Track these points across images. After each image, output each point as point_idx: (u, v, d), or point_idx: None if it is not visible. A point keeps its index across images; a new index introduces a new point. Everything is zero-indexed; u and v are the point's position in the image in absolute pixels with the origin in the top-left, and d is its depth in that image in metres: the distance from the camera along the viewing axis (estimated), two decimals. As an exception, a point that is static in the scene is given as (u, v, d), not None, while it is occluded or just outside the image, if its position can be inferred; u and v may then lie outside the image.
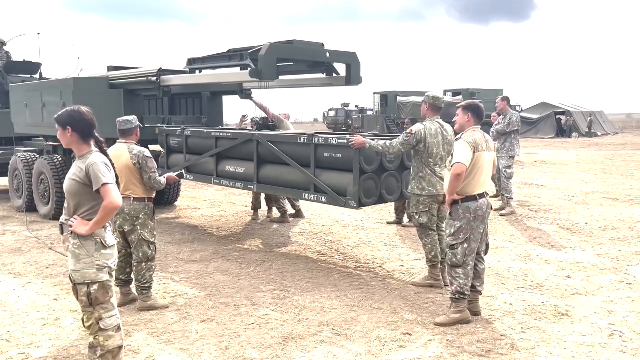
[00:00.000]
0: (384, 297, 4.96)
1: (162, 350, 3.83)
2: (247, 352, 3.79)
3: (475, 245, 4.29)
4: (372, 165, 5.37)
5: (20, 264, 6.13)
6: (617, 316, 4.40)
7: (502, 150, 8.61)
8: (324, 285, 5.33)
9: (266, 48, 5.68)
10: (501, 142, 8.63)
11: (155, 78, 7.18)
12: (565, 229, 7.60)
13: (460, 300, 4.29)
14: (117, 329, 3.12)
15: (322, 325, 4.29)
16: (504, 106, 8.67)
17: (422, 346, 3.90)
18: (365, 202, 5.38)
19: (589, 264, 5.96)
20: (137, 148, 4.58)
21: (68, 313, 4.58)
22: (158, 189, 4.67)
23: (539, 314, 4.48)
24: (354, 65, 6.53)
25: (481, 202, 4.24)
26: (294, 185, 5.98)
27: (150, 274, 4.67)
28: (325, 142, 5.55)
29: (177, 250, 6.78)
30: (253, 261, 6.21)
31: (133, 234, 4.59)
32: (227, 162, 6.89)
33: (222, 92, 8.78)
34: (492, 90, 39.46)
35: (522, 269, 5.76)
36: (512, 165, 8.63)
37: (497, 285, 5.23)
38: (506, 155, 8.56)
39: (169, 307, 4.70)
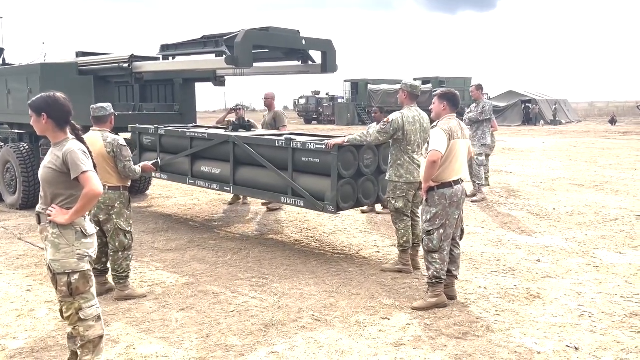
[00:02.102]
0: (361, 282, 5.02)
1: (142, 340, 3.81)
2: (229, 339, 3.80)
3: (451, 231, 4.38)
4: (350, 171, 5.39)
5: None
6: (586, 298, 4.56)
7: (474, 138, 8.75)
8: (302, 272, 5.36)
9: (242, 35, 5.64)
10: (473, 130, 8.77)
11: (127, 64, 7.03)
12: (535, 215, 7.81)
13: (437, 285, 4.38)
14: (97, 318, 3.09)
15: (302, 311, 4.33)
16: (478, 95, 8.79)
17: (400, 330, 3.98)
18: (342, 206, 5.41)
19: (558, 248, 6.15)
20: (111, 136, 4.50)
21: (43, 304, 4.51)
22: (133, 177, 4.61)
23: (512, 296, 4.61)
24: (329, 53, 6.54)
25: (456, 189, 4.32)
26: (272, 188, 5.93)
27: (127, 263, 4.62)
28: (303, 146, 5.53)
29: (151, 239, 6.72)
30: (230, 249, 6.20)
31: (109, 223, 4.53)
32: (203, 163, 6.78)
33: (194, 79, 8.67)
34: (460, 78, 40.04)
35: (495, 254, 5.91)
36: (483, 152, 8.77)
37: (472, 270, 5.35)
38: (478, 143, 8.70)
39: (146, 296, 4.67)
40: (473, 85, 9.02)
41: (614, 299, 4.52)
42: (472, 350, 3.61)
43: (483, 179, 8.79)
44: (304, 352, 3.61)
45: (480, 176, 8.72)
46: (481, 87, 8.92)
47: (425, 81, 38.32)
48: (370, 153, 5.57)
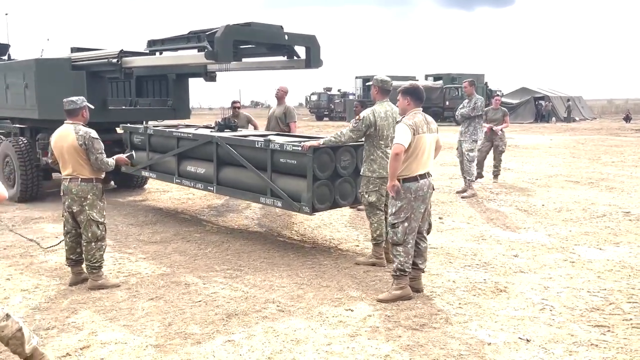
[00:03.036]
0: (333, 275, 5.08)
1: (106, 327, 3.92)
2: (189, 328, 3.89)
3: (416, 225, 4.42)
4: (326, 172, 5.44)
5: (-21, 245, 6.16)
6: (551, 292, 4.57)
7: (465, 133, 8.74)
8: (278, 264, 5.44)
9: (222, 30, 5.71)
10: (465, 125, 8.75)
11: (116, 60, 7.16)
12: (523, 211, 7.79)
13: (401, 277, 4.43)
14: (6, 317, 3.06)
15: (268, 302, 4.41)
16: (470, 90, 8.75)
17: (360, 321, 4.03)
18: (318, 207, 5.47)
19: (539, 243, 6.15)
20: (83, 129, 4.61)
21: (18, 292, 4.64)
22: (105, 169, 4.71)
23: (479, 290, 4.64)
24: (313, 48, 6.58)
25: (422, 183, 4.35)
26: (252, 188, 6.01)
27: (101, 253, 4.74)
28: (281, 148, 5.60)
29: (138, 231, 6.84)
30: (212, 242, 6.29)
31: (82, 214, 4.65)
32: (188, 162, 6.88)
33: (187, 74, 8.77)
34: (473, 75, 39.69)
35: (473, 249, 5.93)
36: (474, 148, 8.74)
37: (445, 264, 5.38)
38: (469, 139, 8.68)
39: (120, 285, 4.78)
40: (466, 81, 8.98)
41: (580, 294, 4.52)
42: (425, 341, 3.66)
43: (474, 175, 8.78)
44: (259, 341, 3.69)
45: (471, 172, 8.70)
46: (474, 82, 8.90)
47: (437, 77, 38.20)
48: (348, 155, 5.62)
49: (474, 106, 8.69)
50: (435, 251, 5.83)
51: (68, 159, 4.58)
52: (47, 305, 4.34)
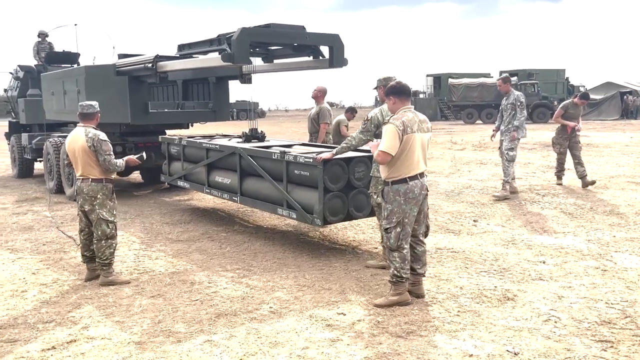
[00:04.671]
0: (339, 277, 5.00)
1: (99, 322, 4.07)
2: (176, 326, 3.96)
3: (410, 229, 4.24)
4: (338, 184, 5.36)
5: (22, 241, 6.61)
6: (564, 302, 4.23)
7: (506, 132, 8.29)
8: (288, 265, 5.43)
9: (238, 32, 5.78)
10: (505, 123, 8.30)
11: (151, 64, 7.44)
12: (567, 214, 7.28)
13: (398, 283, 4.27)
14: None
15: (263, 303, 4.40)
16: (506, 87, 8.27)
17: (348, 326, 3.93)
18: (330, 219, 5.40)
19: (574, 249, 5.72)
20: (93, 131, 4.81)
21: (37, 286, 4.93)
22: (114, 170, 4.90)
23: (484, 297, 4.38)
24: (336, 47, 6.51)
25: (412, 185, 4.17)
26: (270, 199, 6.04)
27: (111, 251, 4.93)
28: (295, 159, 5.58)
29: (169, 230, 7.07)
30: (234, 241, 6.38)
31: (92, 213, 4.86)
32: (217, 173, 7.03)
33: (227, 77, 8.96)
34: (552, 70, 37.78)
35: (497, 254, 5.61)
36: (515, 147, 8.26)
37: (459, 269, 5.14)
38: (509, 138, 8.23)
39: (129, 282, 4.95)
40: (499, 78, 8.47)
41: (596, 305, 4.16)
42: (404, 350, 3.50)
43: (510, 177, 8.26)
44: (237, 342, 3.68)
45: (508, 172, 8.22)
46: (509, 79, 8.37)
47: (513, 74, 36.64)
48: (362, 166, 5.49)
49: (520, 103, 8.17)
50: (454, 255, 5.58)
51: (79, 160, 4.80)
52: (56, 300, 4.58)
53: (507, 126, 8.21)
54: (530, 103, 32.11)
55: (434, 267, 5.19)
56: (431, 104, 38.51)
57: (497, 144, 8.86)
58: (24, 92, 12.70)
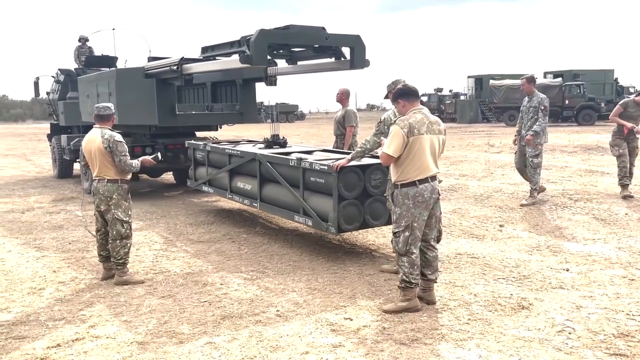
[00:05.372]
0: (352, 282, 4.92)
1: (107, 321, 4.12)
2: (180, 327, 3.97)
3: (419, 233, 4.12)
4: (353, 192, 5.28)
5: (49, 239, 6.80)
6: (582, 312, 4.03)
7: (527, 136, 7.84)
8: (303, 268, 5.38)
9: (256, 34, 5.78)
10: (526, 128, 7.83)
11: (176, 67, 7.54)
12: (599, 220, 6.97)
13: (407, 289, 4.16)
14: None
15: (271, 306, 4.37)
16: (530, 88, 7.88)
17: (352, 331, 3.85)
18: (345, 228, 5.32)
19: (602, 257, 5.46)
20: (108, 132, 4.90)
21: (55, 284, 5.04)
22: (129, 171, 4.96)
23: (498, 306, 4.22)
24: (357, 48, 6.44)
25: (421, 188, 4.05)
26: (288, 206, 6.02)
27: (125, 250, 5.00)
28: (310, 166, 5.54)
29: (192, 231, 7.14)
30: (253, 243, 6.39)
31: (108, 213, 4.94)
32: (239, 179, 7.07)
33: (253, 79, 9.00)
34: (599, 70, 36.47)
35: (519, 260, 5.41)
36: (540, 153, 7.83)
37: (477, 276, 4.97)
38: (532, 143, 7.77)
39: (144, 282, 5.01)
40: (523, 78, 8.06)
41: (616, 317, 3.93)
42: (405, 358, 3.40)
43: (538, 184, 7.88)
44: (239, 345, 3.66)
45: (536, 180, 7.85)
46: (533, 79, 7.95)
47: (557, 75, 35.57)
48: (379, 173, 5.39)
49: (544, 107, 7.73)
50: (473, 261, 5.42)
51: (96, 161, 4.89)
52: (70, 297, 4.67)
53: (529, 130, 7.83)
54: (576, 105, 31.12)
55: (450, 273, 5.05)
56: (472, 106, 37.80)
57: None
58: (64, 94, 13.13)
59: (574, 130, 25.14)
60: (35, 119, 64.55)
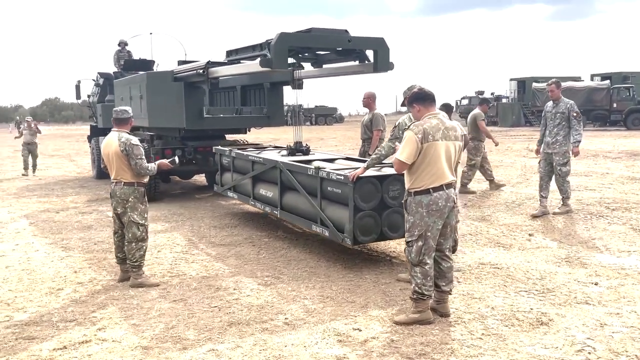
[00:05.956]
0: (366, 290, 4.80)
1: (117, 324, 4.14)
2: (186, 333, 3.94)
3: (433, 243, 3.97)
4: (370, 203, 5.16)
5: (76, 239, 6.93)
6: (605, 330, 3.79)
7: (555, 144, 7.41)
8: (318, 274, 5.29)
9: (276, 37, 5.74)
10: (553, 135, 7.42)
11: (202, 70, 7.59)
12: (637, 231, 6.60)
13: (419, 301, 4.01)
14: None
15: (280, 313, 4.30)
16: (557, 94, 7.43)
17: (359, 343, 3.73)
18: (361, 239, 5.20)
19: (635, 271, 5.16)
20: (125, 136, 4.94)
21: (73, 285, 5.11)
22: (145, 174, 4.99)
23: (516, 320, 4.02)
24: (381, 51, 6.31)
25: (436, 196, 3.89)
26: (306, 215, 5.96)
27: (141, 253, 5.02)
28: (328, 176, 5.45)
29: (215, 233, 7.15)
30: (273, 247, 6.34)
31: (124, 216, 4.98)
32: (261, 185, 7.04)
33: (280, 82, 8.98)
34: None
35: (544, 272, 5.17)
36: (568, 161, 7.44)
37: (497, 287, 4.77)
38: (559, 150, 7.40)
39: (159, 285, 5.02)
40: (551, 82, 7.61)
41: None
42: (409, 374, 3.26)
43: (568, 192, 7.49)
44: (242, 353, 3.60)
45: (566, 189, 7.46)
46: (560, 84, 7.53)
47: (605, 77, 34.29)
48: (398, 184, 5.25)
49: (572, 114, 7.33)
50: (496, 272, 5.20)
51: (113, 164, 4.94)
52: (85, 299, 4.73)
53: (555, 137, 7.43)
54: (625, 108, 29.89)
55: (469, 284, 4.87)
56: (514, 109, 36.87)
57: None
58: (103, 97, 13.49)
59: (622, 135, 24.16)
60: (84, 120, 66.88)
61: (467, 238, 6.54)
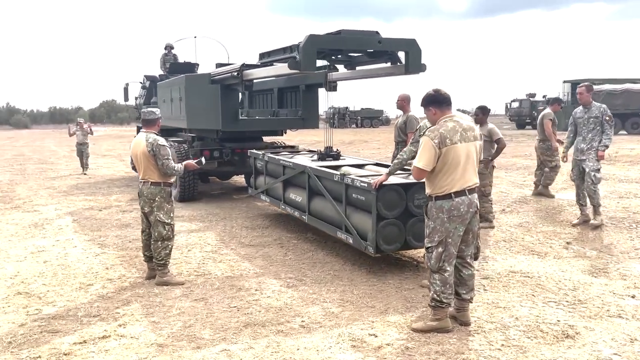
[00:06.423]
0: (388, 296, 4.72)
1: (137, 320, 4.22)
2: (202, 332, 3.98)
3: (454, 250, 3.85)
4: (394, 211, 5.07)
5: (113, 237, 7.14)
6: (635, 347, 3.58)
7: (589, 150, 7.01)
8: (341, 278, 5.24)
9: (305, 39, 5.73)
10: (587, 141, 7.03)
11: (237, 73, 7.67)
12: (686, 241, 6.23)
13: (437, 308, 3.90)
14: None
15: (298, 316, 4.28)
16: (587, 98, 7.02)
17: (373, 349, 3.67)
18: (385, 248, 5.12)
19: (678, 284, 4.86)
20: (152, 137, 5.04)
21: (103, 281, 5.26)
22: (171, 174, 5.08)
23: (539, 332, 3.85)
24: (412, 53, 6.21)
25: (458, 201, 3.78)
26: (332, 221, 5.91)
27: (166, 252, 5.11)
28: (352, 183, 5.40)
29: (245, 234, 7.21)
30: (300, 249, 6.33)
31: (151, 215, 5.08)
32: (291, 190, 7.05)
33: (316, 84, 8.97)
34: None
35: (578, 282, 4.94)
36: (601, 167, 7.07)
37: (525, 297, 4.59)
38: (594, 156, 6.98)
39: (184, 283, 5.10)
40: (582, 85, 7.15)
41: (674, 355, 3.45)
42: (419, 383, 3.17)
43: (599, 200, 7.06)
44: (253, 354, 3.60)
45: (595, 198, 6.98)
46: (591, 87, 7.09)
47: (668, 79, 32.59)
48: (423, 192, 5.10)
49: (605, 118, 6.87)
50: (526, 280, 5.01)
51: (141, 164, 5.06)
52: (112, 295, 4.85)
53: (590, 143, 7.01)
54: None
55: (495, 292, 4.71)
56: (568, 112, 35.53)
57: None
58: (148, 99, 13.85)
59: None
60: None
61: (500, 245, 6.34)
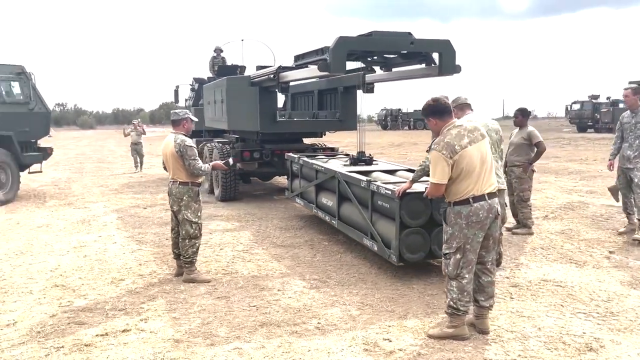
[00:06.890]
0: (410, 300, 4.65)
1: (159, 316, 4.34)
2: (219, 330, 4.05)
3: (473, 256, 3.75)
4: (418, 220, 5.00)
5: (151, 234, 7.37)
6: (662, 364, 3.37)
7: (637, 158, 6.51)
8: (365, 281, 5.21)
9: (334, 42, 5.74)
10: (633, 149, 6.55)
11: (273, 75, 7.76)
12: None
13: (454, 316, 3.81)
14: None
15: (314, 317, 4.28)
16: (634, 101, 6.55)
17: (385, 354, 3.63)
18: (408, 257, 5.04)
19: None
20: (180, 137, 5.17)
21: (135, 276, 5.44)
22: (198, 174, 5.19)
23: (561, 344, 3.69)
24: (445, 54, 6.11)
25: (477, 207, 3.67)
26: (359, 227, 5.88)
27: (193, 250, 5.23)
28: (377, 189, 5.35)
29: (278, 234, 7.28)
30: (330, 251, 6.34)
31: (179, 214, 5.22)
32: (323, 194, 7.06)
33: (353, 86, 8.95)
34: None
35: (614, 294, 4.71)
36: None
37: (552, 307, 4.41)
38: None
39: (210, 281, 5.21)
40: (628, 88, 6.68)
41: None
42: (424, 391, 3.11)
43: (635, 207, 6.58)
44: (263, 354, 3.64)
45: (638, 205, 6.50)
46: (639, 90, 6.57)
47: None
48: None
49: None
50: (557, 289, 4.82)
51: (170, 164, 5.20)
52: (140, 290, 5.01)
53: (638, 150, 6.49)
54: None
55: (521, 301, 4.55)
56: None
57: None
58: (197, 101, 14.23)
59: None
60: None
61: (537, 252, 6.13)
